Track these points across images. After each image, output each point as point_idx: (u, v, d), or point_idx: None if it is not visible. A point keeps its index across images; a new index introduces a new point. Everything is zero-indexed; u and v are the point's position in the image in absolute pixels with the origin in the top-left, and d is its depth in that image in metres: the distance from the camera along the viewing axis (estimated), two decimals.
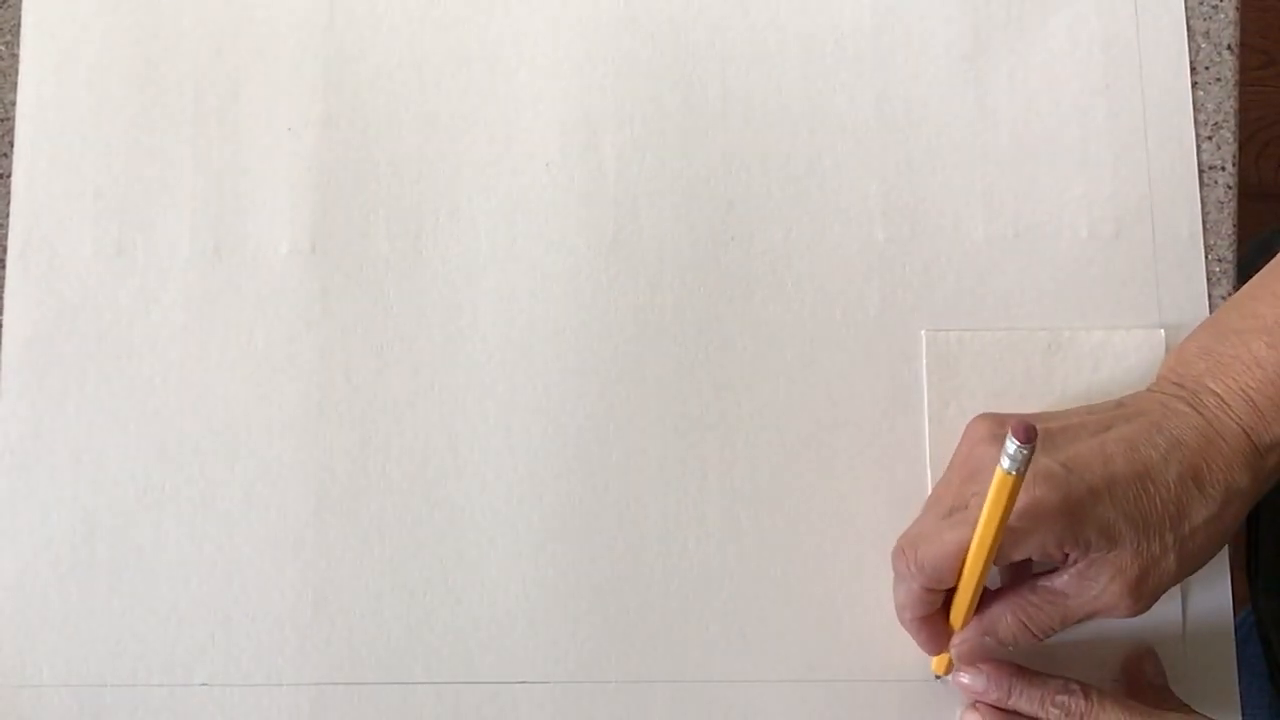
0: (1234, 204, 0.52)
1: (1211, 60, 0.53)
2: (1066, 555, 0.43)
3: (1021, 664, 0.47)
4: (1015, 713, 0.47)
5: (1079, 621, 0.45)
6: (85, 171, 0.53)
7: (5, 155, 0.53)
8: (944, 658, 0.48)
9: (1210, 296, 0.51)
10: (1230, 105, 0.53)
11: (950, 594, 0.46)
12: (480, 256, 0.52)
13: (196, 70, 0.53)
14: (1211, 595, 0.49)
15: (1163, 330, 0.51)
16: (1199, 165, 0.52)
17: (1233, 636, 0.49)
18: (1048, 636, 0.45)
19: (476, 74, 0.53)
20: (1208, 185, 0.52)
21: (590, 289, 0.52)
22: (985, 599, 0.46)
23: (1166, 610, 0.49)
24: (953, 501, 0.45)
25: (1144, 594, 0.44)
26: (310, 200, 0.52)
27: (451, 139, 0.53)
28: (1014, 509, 0.41)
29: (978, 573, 0.43)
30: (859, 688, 0.49)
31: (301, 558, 0.50)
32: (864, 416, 0.51)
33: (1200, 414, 0.44)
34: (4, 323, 0.52)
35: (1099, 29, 0.53)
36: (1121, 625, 0.49)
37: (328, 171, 0.52)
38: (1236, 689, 0.49)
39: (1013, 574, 0.47)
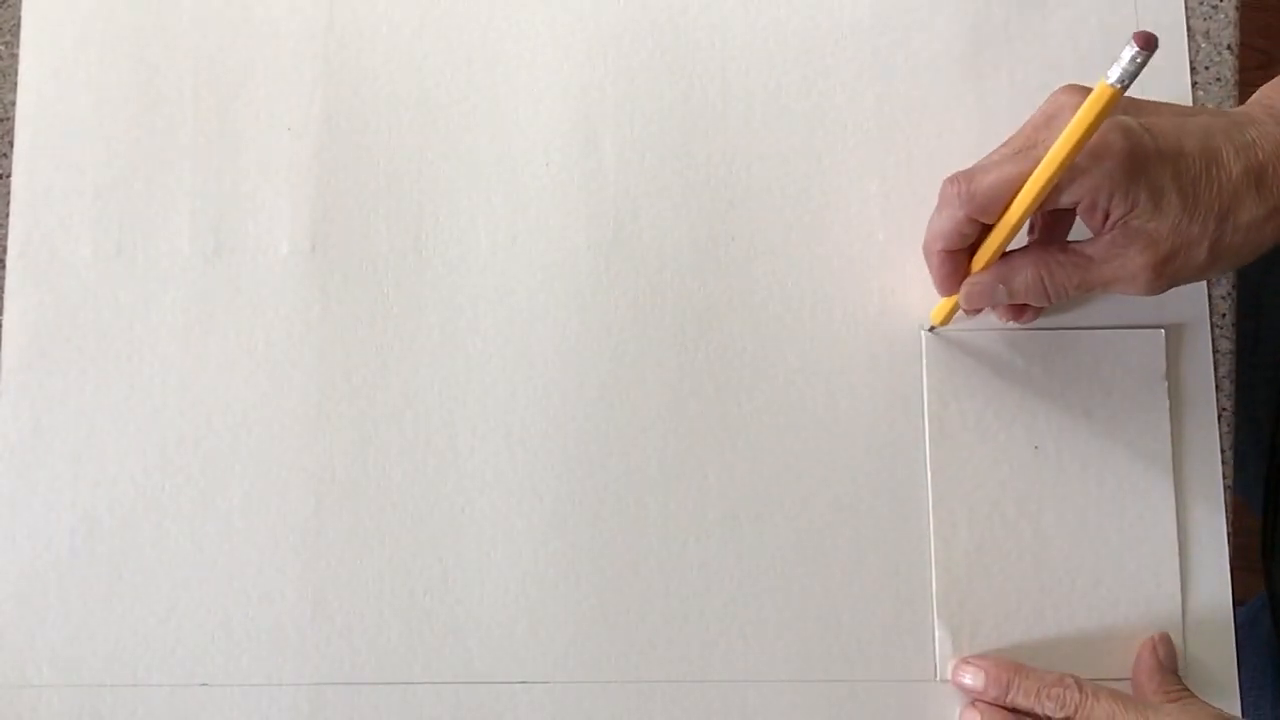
0: None
1: (1211, 60, 0.53)
2: (1106, 216, 0.43)
3: (1022, 661, 0.48)
4: (1014, 709, 0.47)
5: (1094, 290, 0.45)
6: (85, 172, 0.53)
7: (5, 155, 0.53)
8: (943, 308, 0.49)
9: (1210, 297, 0.51)
10: (1230, 105, 0.53)
11: (980, 240, 0.46)
12: (480, 256, 0.52)
13: (196, 70, 0.53)
14: (1211, 589, 0.50)
15: (1163, 330, 0.51)
16: None
17: (1233, 630, 0.49)
18: (1058, 299, 0.45)
19: (476, 74, 0.53)
20: None
21: (590, 288, 0.52)
22: (1011, 253, 0.46)
23: (1166, 605, 0.49)
24: (1022, 144, 0.45)
25: (1165, 274, 0.44)
26: (310, 200, 0.52)
27: (451, 139, 0.53)
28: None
29: (1029, 201, 0.42)
30: (859, 688, 0.49)
31: (301, 558, 0.50)
32: (864, 416, 0.51)
33: None
34: (4, 323, 0.52)
35: (1099, 29, 0.53)
36: (1124, 619, 0.49)
37: (327, 171, 0.52)
38: (1236, 682, 0.49)
39: (1044, 236, 0.47)
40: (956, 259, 0.46)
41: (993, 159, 0.45)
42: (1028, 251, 0.46)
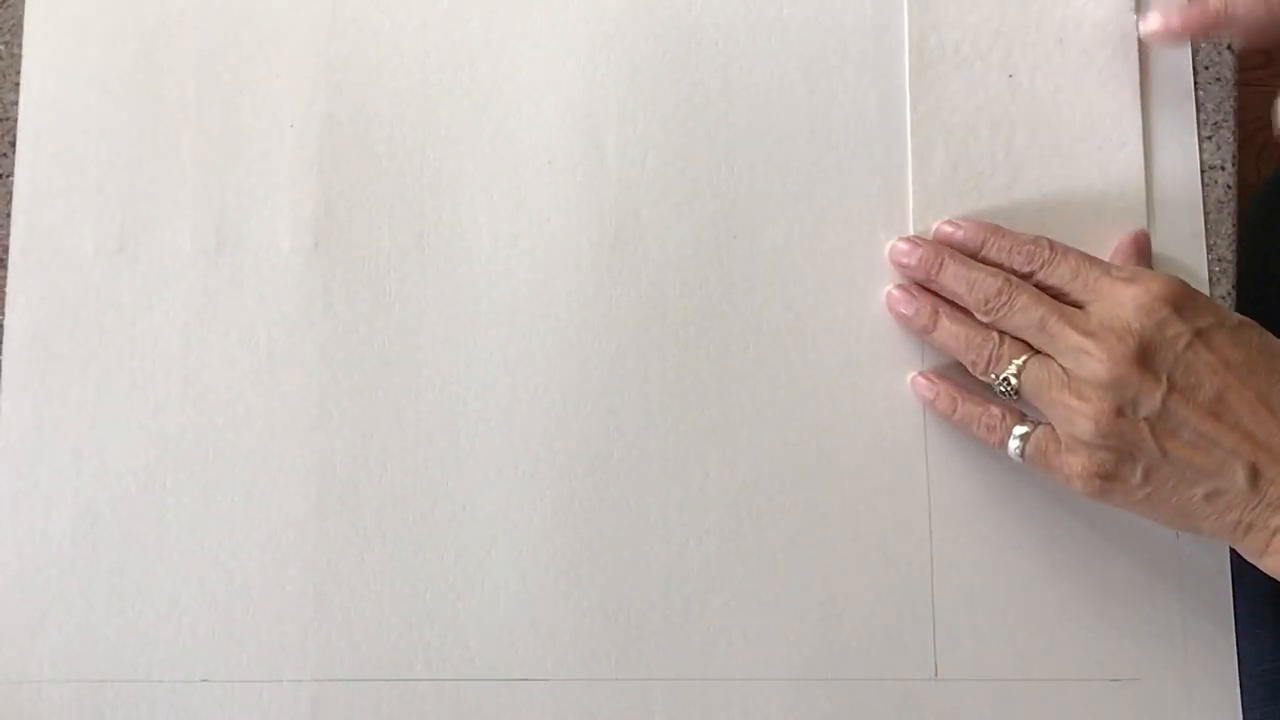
0: (1234, 204, 0.52)
1: (1211, 60, 0.53)
2: None
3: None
4: (985, 262, 0.49)
5: None
6: (87, 169, 0.53)
7: (6, 154, 0.53)
8: None
9: (1211, 297, 0.51)
10: (1230, 105, 0.53)
11: None
12: (482, 254, 0.52)
13: (198, 67, 0.53)
14: (1209, 574, 0.50)
15: None
16: (1199, 165, 0.52)
17: (1229, 588, 0.49)
18: None
19: (479, 71, 0.53)
20: (1208, 185, 0.52)
21: (592, 287, 0.52)
22: None
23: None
24: None
25: None
26: (312, 197, 0.52)
27: (454, 136, 0.53)
28: None
29: None
30: (859, 688, 0.49)
31: (302, 554, 0.50)
32: (864, 415, 0.51)
33: None
34: (5, 321, 0.52)
35: (1099, 29, 0.53)
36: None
37: (330, 168, 0.53)
38: (1233, 643, 0.49)
39: None
40: None
41: None
42: None
